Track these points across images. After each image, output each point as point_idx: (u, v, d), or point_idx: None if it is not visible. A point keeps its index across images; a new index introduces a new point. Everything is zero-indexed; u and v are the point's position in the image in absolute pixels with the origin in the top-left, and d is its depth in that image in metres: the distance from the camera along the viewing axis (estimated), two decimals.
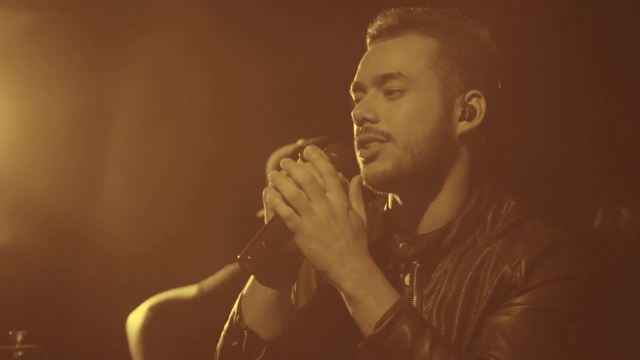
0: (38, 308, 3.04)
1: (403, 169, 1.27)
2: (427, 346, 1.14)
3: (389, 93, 1.29)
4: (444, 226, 1.30)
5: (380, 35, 1.36)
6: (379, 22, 1.36)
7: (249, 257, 1.16)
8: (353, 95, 1.37)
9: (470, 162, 1.34)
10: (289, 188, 1.17)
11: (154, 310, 2.68)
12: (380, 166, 1.27)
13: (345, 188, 1.20)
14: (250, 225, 2.68)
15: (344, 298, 1.19)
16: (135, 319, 2.70)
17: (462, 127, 1.32)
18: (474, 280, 1.25)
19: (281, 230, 1.18)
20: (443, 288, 1.27)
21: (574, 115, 2.73)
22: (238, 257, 1.17)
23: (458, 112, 1.31)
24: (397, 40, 1.33)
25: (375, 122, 1.28)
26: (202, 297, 2.65)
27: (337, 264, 1.17)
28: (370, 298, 1.17)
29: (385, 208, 1.40)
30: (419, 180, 1.29)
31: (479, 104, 1.32)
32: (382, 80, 1.30)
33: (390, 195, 1.37)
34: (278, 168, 2.69)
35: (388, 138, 1.27)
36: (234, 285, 2.72)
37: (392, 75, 1.29)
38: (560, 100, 2.76)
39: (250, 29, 3.06)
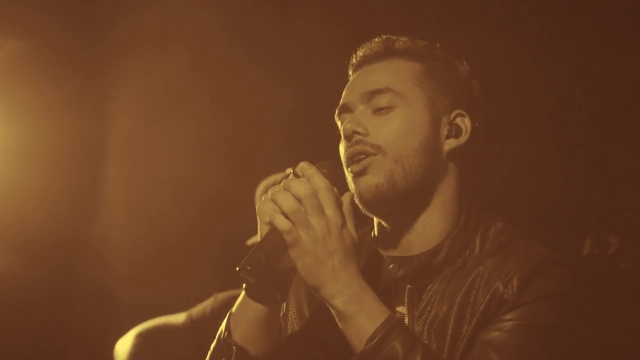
0: (26, 338, 3.03)
1: (395, 182, 1.27)
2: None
3: (378, 110, 1.31)
4: (434, 247, 1.31)
5: (365, 62, 1.38)
6: (363, 51, 1.39)
7: (248, 268, 1.16)
8: (339, 121, 1.38)
9: (458, 181, 1.35)
10: (289, 202, 1.17)
11: (142, 337, 2.67)
12: (373, 179, 1.28)
13: (339, 205, 1.21)
14: (239, 255, 2.69)
15: (334, 314, 1.19)
16: (123, 346, 2.68)
17: (450, 144, 1.34)
18: (465, 299, 1.26)
19: (278, 244, 1.18)
20: (434, 308, 1.28)
21: (563, 143, 2.76)
22: (237, 268, 1.17)
23: (445, 131, 1.33)
24: (383, 64, 1.36)
25: (365, 135, 1.29)
26: (191, 325, 2.64)
27: (330, 280, 1.17)
28: (362, 314, 1.17)
29: (372, 235, 1.40)
30: (410, 196, 1.29)
31: (464, 123, 1.35)
32: (370, 96, 1.31)
33: (376, 222, 1.38)
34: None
35: (378, 150, 1.28)
36: (222, 313, 2.71)
37: (381, 90, 1.31)
38: (550, 128, 2.79)
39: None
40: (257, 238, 1.22)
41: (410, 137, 1.29)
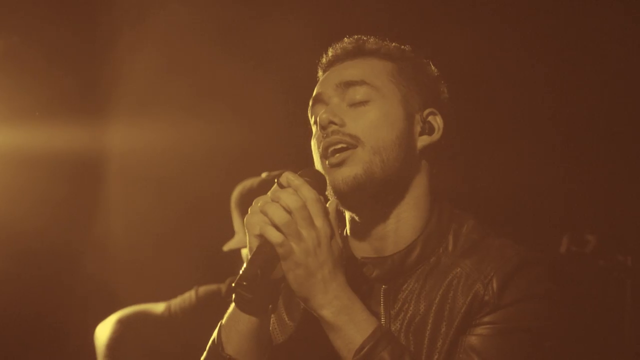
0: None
1: (373, 173, 1.28)
2: None
3: (353, 103, 1.31)
4: (407, 246, 1.31)
5: (337, 60, 1.39)
6: (334, 50, 1.40)
7: (244, 283, 1.14)
8: (312, 114, 1.38)
9: (429, 179, 1.37)
10: (279, 214, 1.15)
11: (122, 323, 2.67)
12: (351, 171, 1.27)
13: (326, 214, 1.20)
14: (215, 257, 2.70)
15: (323, 325, 1.19)
16: (103, 331, 2.69)
17: (423, 141, 1.35)
18: (443, 299, 1.26)
19: (271, 256, 1.16)
20: (411, 308, 1.28)
21: (540, 140, 2.78)
22: (233, 284, 1.15)
23: (418, 128, 1.35)
24: (356, 61, 1.37)
25: (341, 126, 1.29)
26: (169, 316, 2.64)
27: (320, 292, 1.17)
28: (351, 325, 1.17)
29: (344, 234, 1.40)
30: (386, 188, 1.30)
31: (436, 121, 1.36)
32: (345, 88, 1.32)
33: (349, 220, 1.38)
34: (243, 200, 2.70)
35: (357, 142, 1.28)
36: (201, 306, 2.72)
37: (357, 82, 1.32)
38: (527, 126, 2.81)
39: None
40: (246, 250, 1.21)
41: (387, 130, 1.30)
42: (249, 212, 1.20)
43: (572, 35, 2.74)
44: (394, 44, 1.40)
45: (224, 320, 1.28)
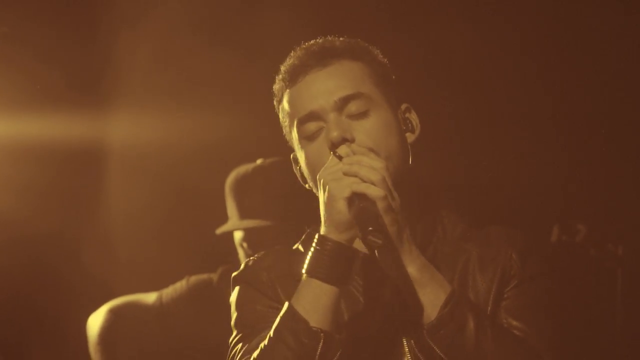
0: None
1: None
2: (487, 328, 1.21)
3: (353, 115, 1.31)
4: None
5: (307, 69, 1.35)
6: (299, 59, 1.36)
7: (370, 229, 1.15)
8: (298, 130, 1.35)
9: (414, 174, 1.38)
10: (374, 172, 1.19)
11: (114, 313, 2.68)
12: None
13: None
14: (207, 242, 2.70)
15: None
16: (95, 321, 2.70)
17: (409, 138, 1.37)
18: (463, 285, 1.31)
19: (373, 213, 1.17)
20: None
21: (529, 130, 2.79)
22: (361, 235, 1.16)
23: (402, 126, 1.36)
24: (332, 68, 1.34)
25: (352, 141, 1.28)
26: (160, 305, 2.65)
27: (407, 248, 1.22)
28: (433, 282, 1.22)
29: None
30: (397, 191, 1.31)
31: (413, 117, 1.39)
32: (343, 103, 1.30)
33: None
34: (238, 185, 2.70)
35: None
36: (191, 295, 2.73)
37: (354, 95, 1.30)
38: (517, 115, 2.82)
39: None
40: (239, 233, 1.20)
41: (391, 137, 1.31)
42: (329, 179, 1.21)
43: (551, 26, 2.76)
44: (355, 41, 1.39)
45: (294, 300, 1.24)
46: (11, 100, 3.00)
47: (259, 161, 2.57)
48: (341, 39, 1.38)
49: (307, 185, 1.38)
